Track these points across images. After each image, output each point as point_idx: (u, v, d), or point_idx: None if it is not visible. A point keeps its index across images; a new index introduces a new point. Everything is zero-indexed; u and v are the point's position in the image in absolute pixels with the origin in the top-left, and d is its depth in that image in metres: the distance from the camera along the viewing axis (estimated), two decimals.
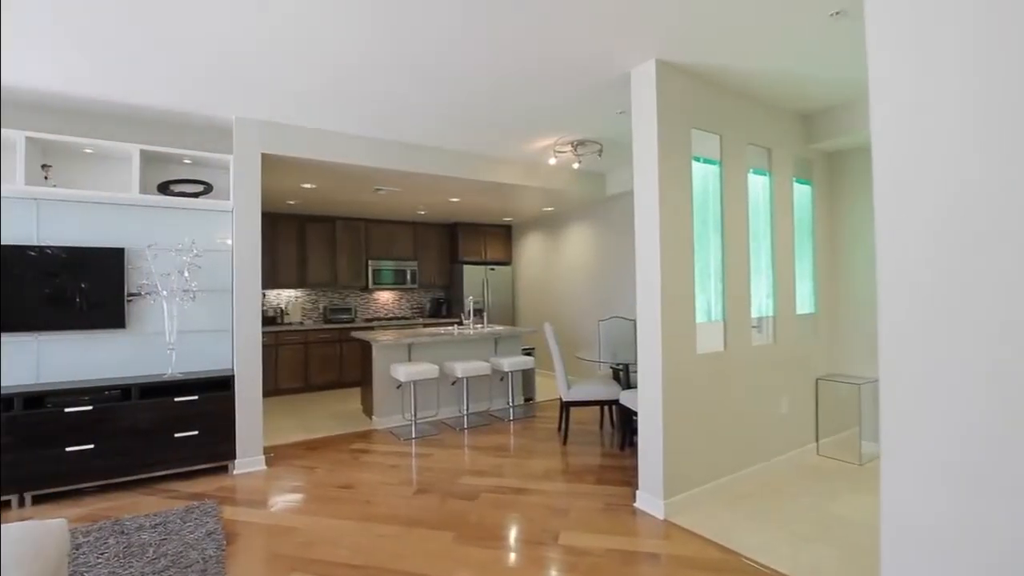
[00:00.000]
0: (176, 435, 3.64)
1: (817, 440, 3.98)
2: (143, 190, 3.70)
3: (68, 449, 3.35)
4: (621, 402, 4.10)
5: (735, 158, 3.44)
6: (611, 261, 6.47)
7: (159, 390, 3.64)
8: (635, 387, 4.15)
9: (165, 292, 3.78)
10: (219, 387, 3.82)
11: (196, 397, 3.71)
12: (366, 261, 7.44)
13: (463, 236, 8.02)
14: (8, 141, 3.31)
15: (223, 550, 2.66)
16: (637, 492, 3.11)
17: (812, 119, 3.98)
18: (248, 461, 3.85)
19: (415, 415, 4.84)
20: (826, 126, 3.91)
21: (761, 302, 3.67)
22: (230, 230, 4.02)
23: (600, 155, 4.86)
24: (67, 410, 3.36)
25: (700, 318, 3.18)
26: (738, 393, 3.36)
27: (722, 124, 3.36)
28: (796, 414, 3.81)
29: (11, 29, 2.57)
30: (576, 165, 5.08)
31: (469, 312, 5.99)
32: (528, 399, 5.92)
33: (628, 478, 3.54)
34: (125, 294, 3.75)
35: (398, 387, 4.91)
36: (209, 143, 4.07)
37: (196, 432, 3.70)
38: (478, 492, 3.39)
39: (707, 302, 3.29)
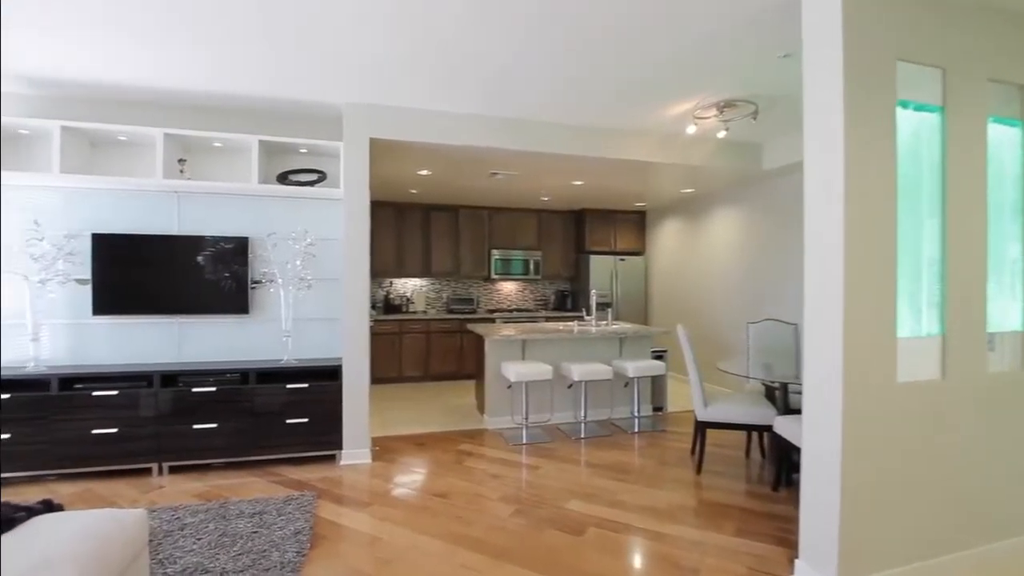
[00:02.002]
0: (288, 421, 3.68)
1: None
2: (263, 180, 3.77)
3: (195, 426, 3.54)
4: (776, 431, 3.23)
5: (967, 102, 2.37)
6: (765, 251, 5.37)
7: (274, 376, 3.70)
8: (797, 412, 3.25)
9: (281, 280, 3.84)
10: (329, 376, 3.79)
11: (307, 385, 3.71)
12: (488, 250, 7.23)
13: (590, 224, 7.42)
14: (148, 138, 3.55)
15: (303, 555, 2.49)
16: (797, 562, 2.30)
17: None
18: (353, 453, 3.77)
19: (526, 418, 4.43)
20: None
21: (1003, 311, 2.54)
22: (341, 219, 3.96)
23: (754, 118, 3.92)
24: (194, 390, 3.54)
25: (903, 332, 2.24)
26: (963, 439, 2.33)
27: (946, 52, 2.32)
28: None
29: (150, 33, 2.64)
30: (722, 134, 4.18)
31: (593, 307, 5.40)
32: (657, 409, 5.17)
33: (782, 532, 2.71)
34: (249, 282, 3.89)
35: (508, 387, 4.54)
36: (323, 131, 4.05)
37: (306, 420, 3.71)
38: (585, 525, 2.84)
39: (915, 310, 2.31)
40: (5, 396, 3.26)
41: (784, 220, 5.14)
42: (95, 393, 3.39)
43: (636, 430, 4.59)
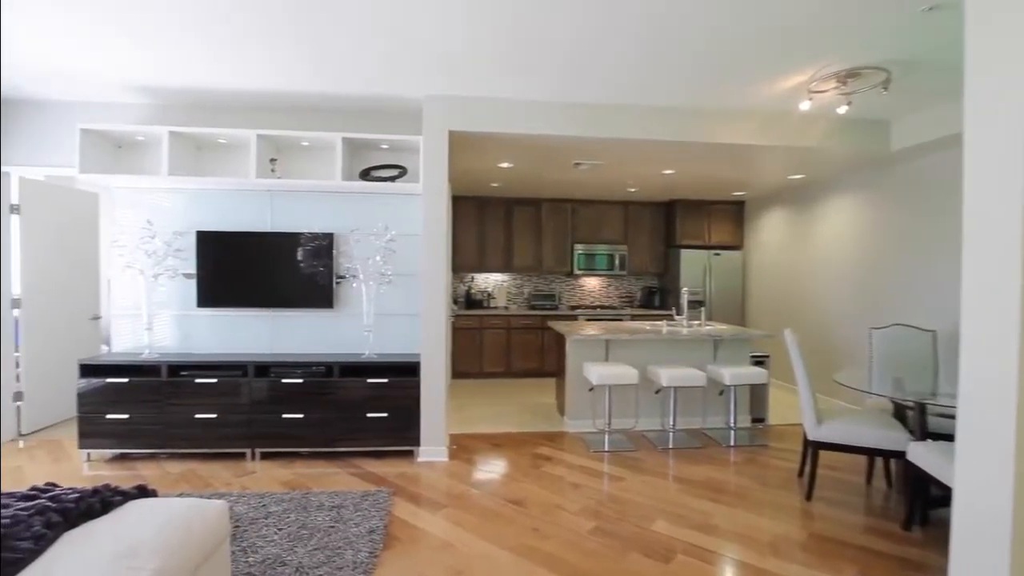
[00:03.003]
0: (368, 415, 3.71)
1: None
2: (347, 177, 3.82)
3: (284, 416, 3.67)
4: (911, 459, 2.71)
5: None
6: (891, 245, 4.64)
7: (356, 370, 3.75)
8: (937, 437, 2.71)
9: (363, 275, 3.88)
10: (408, 372, 3.78)
11: (387, 380, 3.72)
12: (571, 245, 6.98)
13: (681, 216, 6.91)
14: (244, 140, 3.72)
15: (375, 556, 2.45)
16: None
17: None
18: (431, 450, 3.74)
19: (609, 423, 4.16)
20: None
21: None
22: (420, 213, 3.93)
23: (885, 89, 3.34)
24: (283, 381, 3.67)
25: None
26: None
27: None
28: None
29: (240, 38, 2.72)
30: (844, 109, 3.62)
31: (684, 306, 4.99)
32: (757, 421, 4.67)
33: None
34: (334, 277, 3.97)
35: (590, 389, 4.30)
36: (405, 126, 4.03)
37: (386, 415, 3.72)
38: (673, 550, 2.55)
39: None
40: (124, 380, 3.58)
41: (917, 208, 4.40)
42: (198, 380, 3.63)
43: (732, 443, 4.16)
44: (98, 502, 1.96)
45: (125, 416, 3.59)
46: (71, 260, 4.48)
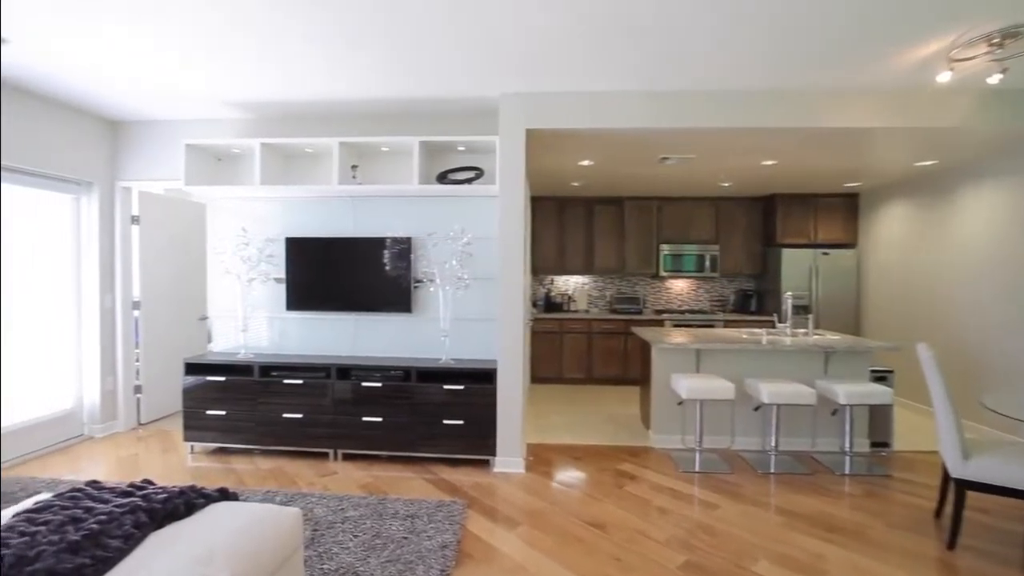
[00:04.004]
0: (445, 422, 3.66)
1: None
2: (424, 180, 3.79)
3: (364, 418, 3.71)
4: None
5: None
6: None
7: (432, 375, 3.72)
8: None
9: (440, 280, 3.83)
10: (485, 379, 3.68)
11: (462, 387, 3.65)
12: (657, 245, 6.57)
13: (782, 211, 6.25)
14: (327, 148, 3.81)
15: (447, 574, 2.35)
16: None
17: None
18: (506, 461, 3.61)
19: (700, 441, 3.79)
20: None
21: None
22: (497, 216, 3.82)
23: None
24: (363, 384, 3.72)
25: None
26: None
27: None
28: None
29: (322, 49, 2.77)
30: (996, 78, 3.00)
31: (787, 312, 4.47)
32: (879, 445, 4.05)
33: None
34: (412, 281, 3.97)
35: (679, 403, 3.95)
36: (481, 127, 3.95)
37: (462, 422, 3.65)
38: None
39: None
40: (222, 379, 3.80)
41: None
42: (286, 381, 3.77)
43: (847, 471, 3.63)
44: (182, 504, 2.01)
45: (223, 412, 3.81)
46: (182, 265, 4.88)
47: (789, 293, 4.57)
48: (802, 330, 4.60)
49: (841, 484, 3.45)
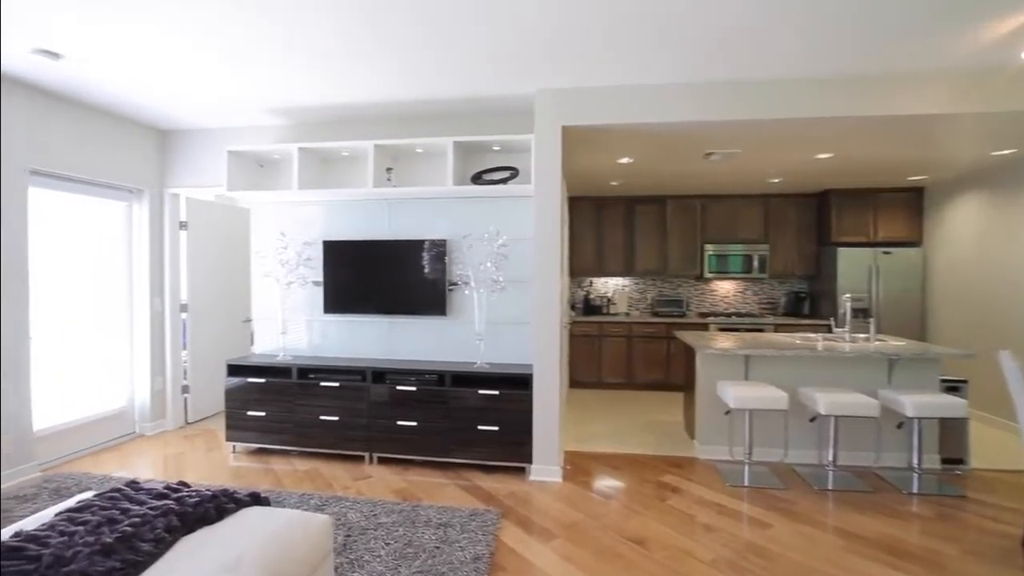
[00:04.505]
0: (479, 428, 3.58)
1: None
2: (458, 182, 3.74)
3: (399, 422, 3.68)
4: None
5: None
6: None
7: (467, 380, 3.65)
8: None
9: (474, 282, 3.76)
10: (520, 384, 3.58)
11: (497, 392, 3.56)
12: (701, 245, 6.30)
13: (838, 208, 5.87)
14: (362, 151, 3.82)
15: None
16: None
17: None
18: (543, 469, 3.49)
19: (750, 453, 3.56)
20: None
21: None
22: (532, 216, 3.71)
23: None
24: (398, 388, 3.69)
25: None
26: None
27: None
28: None
29: (356, 52, 2.76)
30: None
31: (846, 315, 4.15)
32: (952, 462, 3.70)
33: None
34: (447, 284, 3.91)
35: (727, 412, 3.72)
36: (516, 125, 3.86)
37: (497, 428, 3.56)
38: None
39: None
40: (262, 380, 3.86)
41: None
42: (322, 384, 3.78)
43: (915, 490, 3.32)
44: (214, 508, 2.00)
45: (263, 413, 3.86)
46: (228, 269, 5.01)
47: (848, 295, 4.25)
48: (863, 335, 4.27)
49: (908, 504, 3.15)
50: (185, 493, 2.11)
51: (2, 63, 3.09)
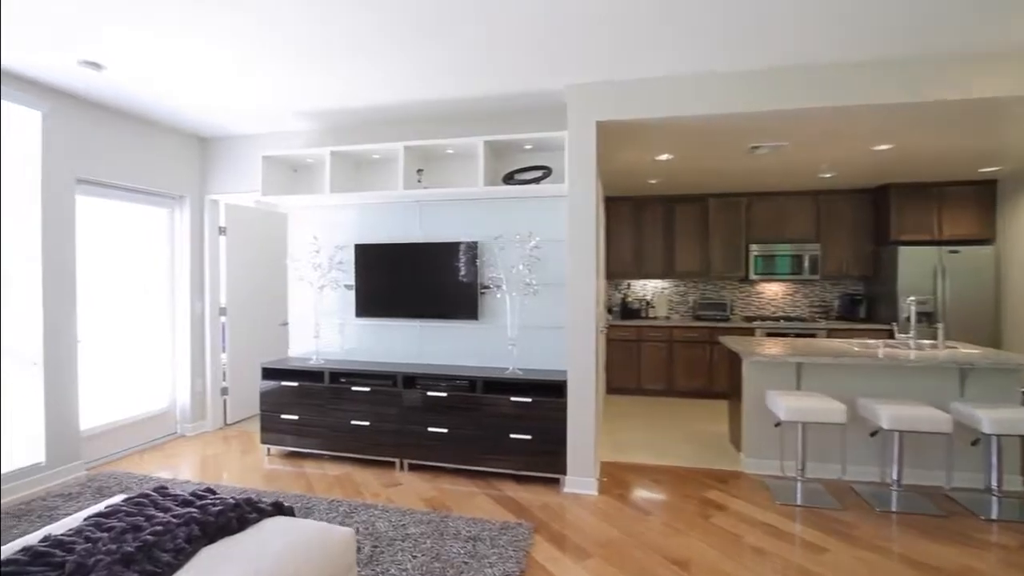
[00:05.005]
0: (511, 436, 3.46)
1: None
2: (489, 182, 3.64)
3: (429, 429, 3.61)
4: None
5: None
6: None
7: (499, 386, 3.54)
8: None
9: (506, 285, 3.65)
10: (554, 392, 3.44)
11: (530, 400, 3.43)
12: (745, 246, 5.98)
13: (898, 203, 5.45)
14: (393, 153, 3.77)
15: None
16: None
17: None
18: (578, 481, 3.33)
19: (803, 469, 3.30)
20: None
21: None
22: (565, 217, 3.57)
23: None
24: (428, 393, 3.61)
25: None
26: None
27: None
28: None
29: (384, 52, 2.71)
30: None
31: (910, 319, 3.81)
32: None
33: None
34: (478, 287, 3.82)
35: (777, 425, 3.47)
36: (548, 123, 3.73)
37: (530, 437, 3.43)
38: None
39: None
40: (295, 384, 3.86)
41: None
42: (353, 388, 3.75)
43: (994, 515, 2.98)
44: (236, 518, 1.95)
45: (296, 417, 3.87)
46: (266, 273, 5.08)
47: (912, 298, 3.90)
48: (929, 341, 3.92)
49: (987, 531, 2.83)
50: (209, 501, 2.08)
51: (48, 76, 3.19)
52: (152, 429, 4.28)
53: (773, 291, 6.25)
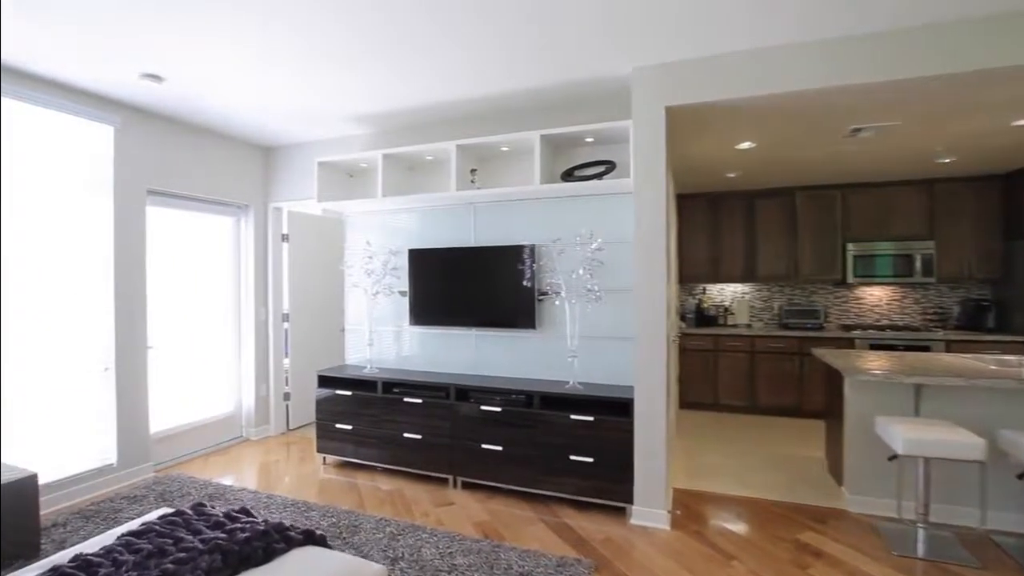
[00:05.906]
0: (571, 457, 3.15)
1: None
2: (547, 179, 3.36)
3: (483, 446, 3.37)
4: None
5: None
6: None
7: (558, 402, 3.24)
8: None
9: (565, 292, 3.35)
10: (619, 410, 3.09)
11: (592, 418, 3.10)
12: (842, 244, 5.28)
13: None
14: (445, 153, 3.58)
15: None
16: None
17: None
18: (646, 512, 2.96)
19: (926, 513, 2.72)
20: None
21: None
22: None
23: None
24: (482, 408, 3.38)
25: None
26: None
27: None
28: None
29: (434, 47, 2.53)
30: None
31: None
32: None
33: None
34: (536, 293, 3.54)
35: (891, 458, 2.90)
36: (611, 112, 3.39)
37: (592, 460, 3.10)
38: None
39: None
40: (348, 393, 3.77)
41: None
42: (406, 399, 3.59)
43: None
44: (262, 548, 1.80)
45: (349, 427, 3.77)
46: (326, 279, 5.09)
47: None
48: None
49: None
50: (239, 525, 1.94)
51: (107, 88, 3.29)
52: (219, 432, 4.37)
53: (876, 296, 5.47)
